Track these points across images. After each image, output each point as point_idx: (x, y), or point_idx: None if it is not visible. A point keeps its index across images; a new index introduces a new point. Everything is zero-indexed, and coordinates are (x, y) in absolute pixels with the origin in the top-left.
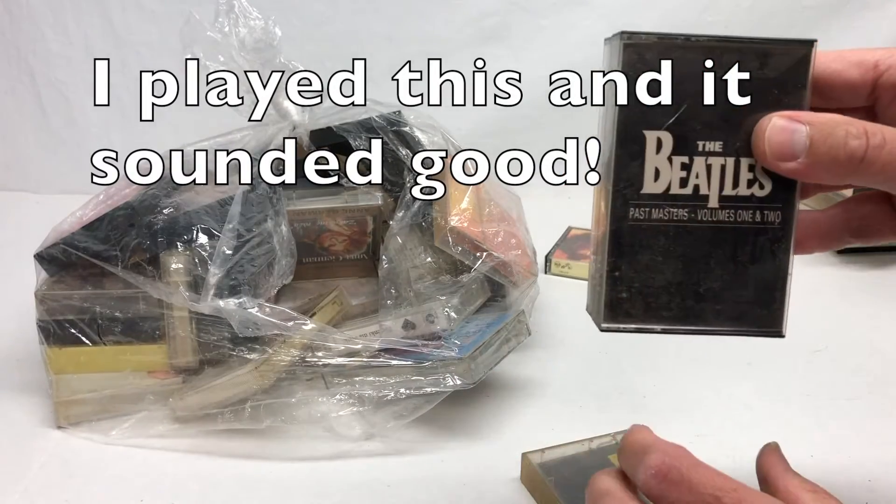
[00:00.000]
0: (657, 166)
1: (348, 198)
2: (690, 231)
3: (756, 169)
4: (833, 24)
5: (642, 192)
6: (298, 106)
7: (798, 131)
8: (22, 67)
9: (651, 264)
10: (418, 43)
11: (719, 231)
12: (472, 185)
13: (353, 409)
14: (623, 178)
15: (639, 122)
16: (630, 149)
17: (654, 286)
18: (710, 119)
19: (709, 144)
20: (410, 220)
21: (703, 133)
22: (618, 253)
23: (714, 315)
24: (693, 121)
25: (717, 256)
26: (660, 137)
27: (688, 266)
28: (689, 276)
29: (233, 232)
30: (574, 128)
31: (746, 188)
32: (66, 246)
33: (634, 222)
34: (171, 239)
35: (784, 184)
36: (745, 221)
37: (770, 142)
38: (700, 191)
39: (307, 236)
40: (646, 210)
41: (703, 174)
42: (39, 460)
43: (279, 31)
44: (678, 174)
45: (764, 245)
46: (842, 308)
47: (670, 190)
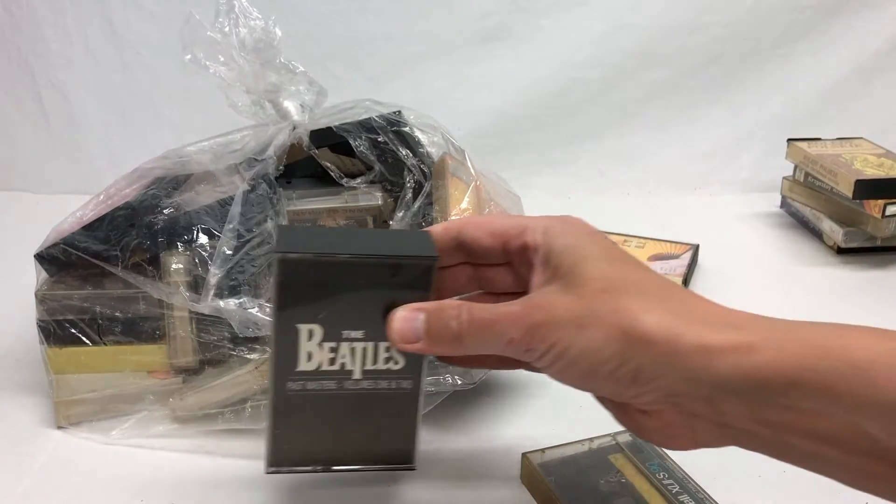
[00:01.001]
0: (310, 350)
1: (348, 198)
2: (339, 397)
3: (391, 349)
4: (833, 24)
5: (297, 370)
6: (298, 106)
7: (417, 319)
8: (22, 67)
9: (307, 423)
10: (418, 43)
11: (363, 397)
12: (472, 185)
13: None
14: (282, 359)
15: (293, 318)
16: (287, 338)
17: (310, 439)
18: (352, 314)
19: (353, 333)
20: (410, 220)
21: (348, 325)
22: (278, 416)
23: (361, 458)
24: (339, 316)
25: (361, 415)
26: (311, 329)
27: (338, 423)
28: (339, 431)
29: (233, 232)
30: (574, 128)
31: (384, 364)
32: (66, 246)
33: (292, 392)
34: (171, 239)
35: (414, 359)
36: (384, 388)
37: (396, 330)
38: (346, 367)
39: None
40: (301, 383)
41: (348, 355)
42: (39, 460)
43: (279, 31)
44: (328, 355)
45: (399, 405)
46: (842, 308)
47: (321, 367)
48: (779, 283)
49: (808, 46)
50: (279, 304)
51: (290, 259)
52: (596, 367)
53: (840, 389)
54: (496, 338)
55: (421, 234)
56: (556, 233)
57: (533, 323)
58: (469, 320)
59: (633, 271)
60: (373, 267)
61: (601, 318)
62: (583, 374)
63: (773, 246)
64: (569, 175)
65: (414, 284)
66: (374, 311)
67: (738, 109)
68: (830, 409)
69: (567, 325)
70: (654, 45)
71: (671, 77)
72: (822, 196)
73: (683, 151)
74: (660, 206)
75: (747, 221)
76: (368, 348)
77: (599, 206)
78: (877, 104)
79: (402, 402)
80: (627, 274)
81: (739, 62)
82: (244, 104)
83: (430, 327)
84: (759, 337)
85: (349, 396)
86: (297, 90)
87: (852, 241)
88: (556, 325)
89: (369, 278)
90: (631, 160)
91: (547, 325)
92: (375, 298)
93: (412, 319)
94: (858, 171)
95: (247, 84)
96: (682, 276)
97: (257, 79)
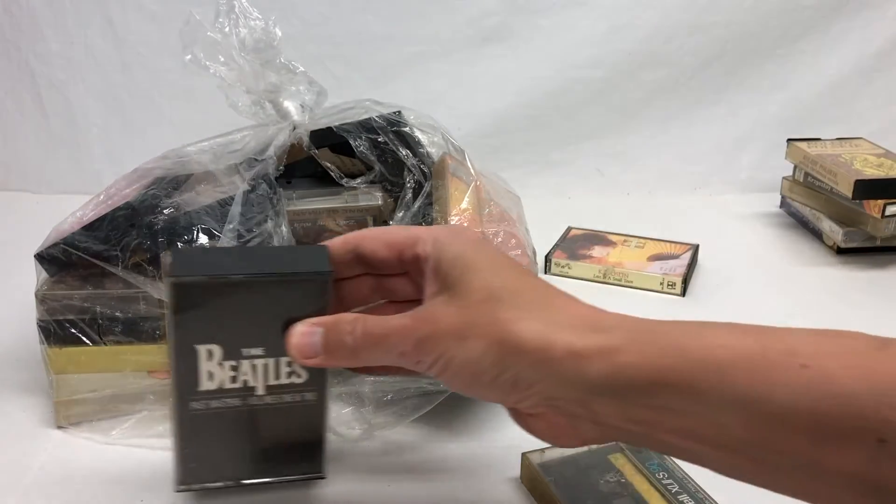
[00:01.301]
0: (210, 370)
1: (348, 198)
2: (244, 413)
3: (293, 364)
4: (833, 24)
5: (199, 390)
6: (298, 106)
7: (315, 334)
8: (22, 67)
9: (213, 440)
10: (418, 43)
11: (268, 411)
12: (472, 185)
13: (353, 409)
14: (183, 380)
15: (191, 340)
16: (186, 359)
17: (218, 456)
18: (251, 332)
19: (252, 350)
20: (410, 220)
21: (247, 342)
22: (184, 435)
23: (270, 470)
24: (237, 335)
25: (268, 429)
26: (210, 349)
27: (245, 438)
28: (246, 445)
29: (233, 232)
30: (574, 128)
31: (287, 378)
32: (66, 246)
33: (196, 412)
34: (171, 239)
35: (317, 371)
36: (289, 402)
37: (295, 346)
38: (249, 384)
39: (307, 236)
40: (204, 402)
41: (249, 372)
42: (39, 460)
43: (279, 31)
44: (229, 374)
45: (306, 417)
46: (842, 308)
47: (224, 386)
48: (778, 283)
49: (808, 46)
50: (175, 326)
51: (183, 282)
52: (478, 376)
53: (701, 387)
54: (388, 351)
55: (316, 249)
56: (445, 243)
57: (420, 336)
58: (363, 334)
59: (514, 280)
60: (267, 285)
61: (480, 329)
62: (468, 383)
63: (772, 246)
64: (568, 175)
65: (310, 299)
66: (273, 327)
67: (738, 109)
68: (694, 408)
69: (450, 338)
70: (654, 45)
71: (671, 77)
72: (821, 196)
73: (683, 151)
74: (660, 206)
75: (747, 221)
76: (270, 364)
77: (599, 206)
78: (877, 104)
79: (308, 414)
80: (508, 283)
81: (739, 62)
82: (244, 104)
83: (328, 342)
84: (623, 340)
85: (254, 412)
86: (298, 90)
87: (852, 241)
88: (440, 338)
89: (264, 296)
90: (631, 160)
91: (432, 338)
92: (273, 315)
93: (310, 335)
94: (858, 171)
95: (247, 84)
96: (682, 276)
97: (257, 79)
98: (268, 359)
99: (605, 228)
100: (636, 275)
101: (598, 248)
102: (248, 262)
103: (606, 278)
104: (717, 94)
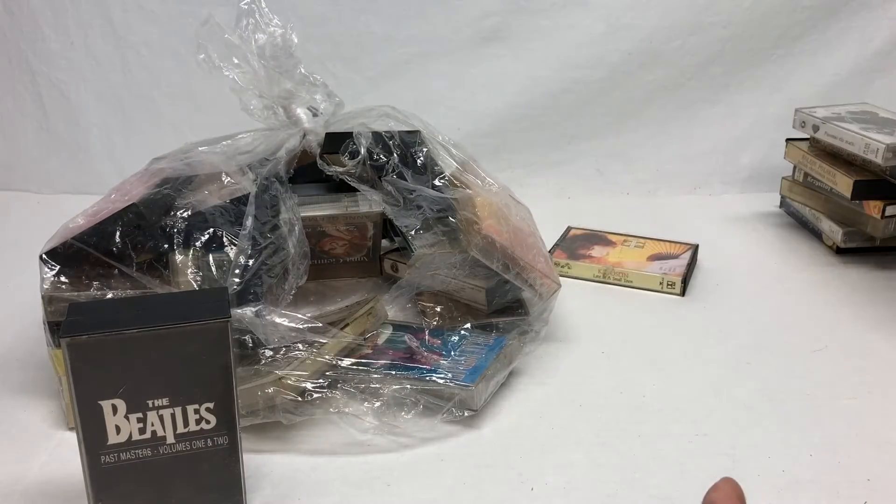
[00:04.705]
0: (117, 424)
1: (349, 204)
2: (156, 462)
3: (200, 410)
4: (832, 24)
5: (109, 444)
6: (309, 113)
7: None
8: (22, 67)
9: (129, 491)
10: (418, 43)
11: (181, 458)
12: (490, 200)
13: (362, 406)
14: (90, 436)
15: (93, 396)
16: (91, 416)
17: None
18: (154, 383)
19: (158, 401)
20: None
21: (151, 394)
22: (98, 489)
23: None
24: (141, 387)
25: (183, 476)
26: (114, 404)
27: (160, 486)
28: (161, 495)
29: (248, 239)
30: (574, 128)
31: (196, 425)
32: (76, 243)
33: (106, 465)
34: (182, 239)
35: (226, 415)
36: (200, 447)
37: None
38: (158, 434)
39: (308, 241)
40: (115, 455)
41: (157, 422)
42: (40, 460)
43: (296, 38)
44: (136, 426)
45: (219, 460)
46: (842, 308)
47: (132, 438)
48: (778, 282)
49: (808, 46)
50: (75, 385)
51: (77, 342)
52: None
53: None
54: None
55: (217, 293)
56: None
57: None
58: None
59: None
60: (163, 337)
61: None
62: None
63: (772, 246)
64: (568, 175)
65: (210, 347)
66: (176, 376)
67: (738, 109)
68: None
69: None
70: (654, 45)
71: (671, 77)
72: (821, 196)
73: (683, 151)
74: (660, 206)
75: (747, 221)
76: (177, 412)
77: (599, 206)
78: (876, 104)
79: (222, 457)
80: None
81: (739, 62)
82: (256, 107)
83: None
84: None
85: (167, 460)
86: (313, 99)
87: (851, 242)
88: None
89: (163, 348)
90: (630, 160)
91: None
92: (174, 365)
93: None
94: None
95: (260, 88)
96: (682, 276)
97: (271, 84)
98: (174, 407)
99: (604, 228)
100: (636, 274)
101: (598, 248)
102: (144, 314)
103: (606, 278)
104: (717, 94)
